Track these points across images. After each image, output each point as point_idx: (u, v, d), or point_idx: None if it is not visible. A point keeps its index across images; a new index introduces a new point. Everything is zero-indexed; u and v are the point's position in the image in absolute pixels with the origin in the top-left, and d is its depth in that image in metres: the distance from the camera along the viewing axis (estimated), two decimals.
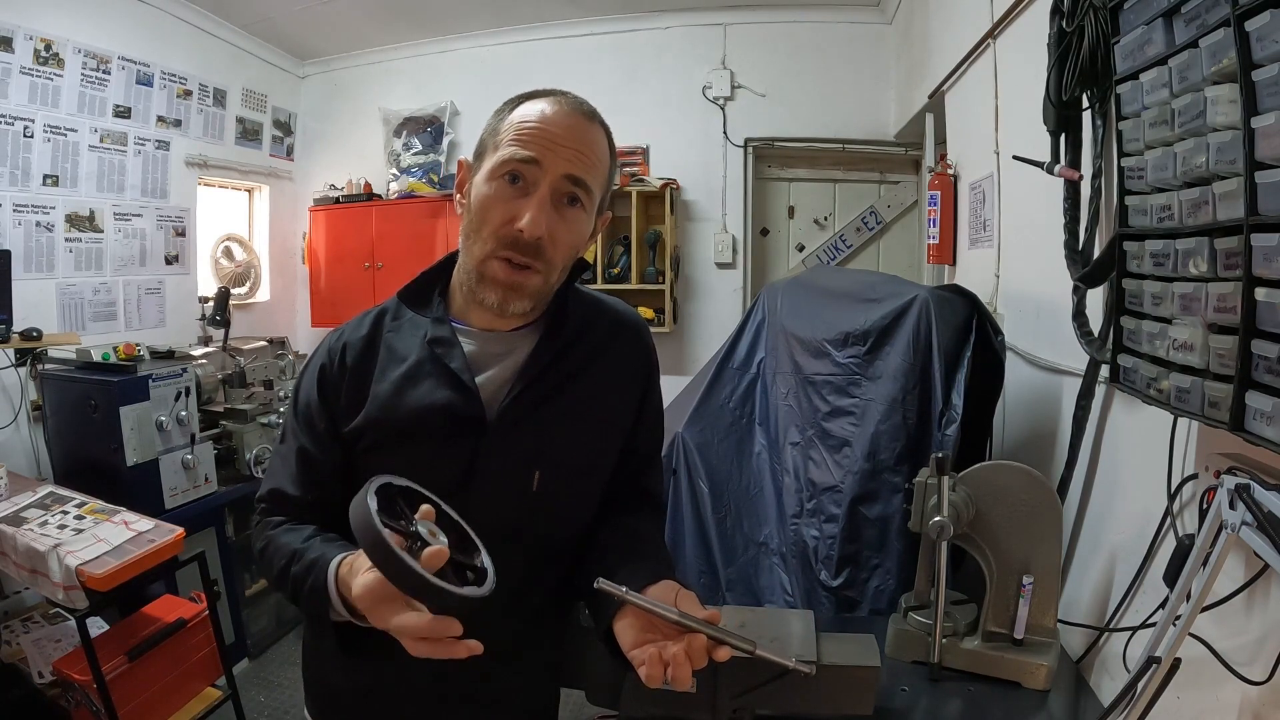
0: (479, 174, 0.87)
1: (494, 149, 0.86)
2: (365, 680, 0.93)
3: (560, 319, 0.93)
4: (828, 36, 3.62)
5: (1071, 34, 1.27)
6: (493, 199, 0.84)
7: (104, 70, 3.09)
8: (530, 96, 0.88)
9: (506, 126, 0.86)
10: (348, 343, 0.94)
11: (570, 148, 0.84)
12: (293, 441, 0.95)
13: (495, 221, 0.84)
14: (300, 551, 0.85)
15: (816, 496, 1.66)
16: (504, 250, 0.84)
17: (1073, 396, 1.45)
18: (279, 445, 0.99)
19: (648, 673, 0.72)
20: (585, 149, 0.86)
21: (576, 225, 0.88)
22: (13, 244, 2.77)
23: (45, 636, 2.28)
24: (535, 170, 0.83)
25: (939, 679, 1.25)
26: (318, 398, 0.93)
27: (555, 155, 0.83)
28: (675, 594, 0.79)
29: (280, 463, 0.96)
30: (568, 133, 0.85)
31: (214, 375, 3.00)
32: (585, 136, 0.86)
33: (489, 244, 0.85)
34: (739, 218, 3.79)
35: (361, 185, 4.11)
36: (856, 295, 1.79)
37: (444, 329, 0.91)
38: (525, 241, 0.83)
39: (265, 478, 0.98)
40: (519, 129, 0.84)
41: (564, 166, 0.84)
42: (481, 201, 0.85)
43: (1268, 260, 0.73)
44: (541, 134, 0.84)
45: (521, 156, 0.83)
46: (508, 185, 0.84)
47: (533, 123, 0.84)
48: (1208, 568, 0.80)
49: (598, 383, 0.94)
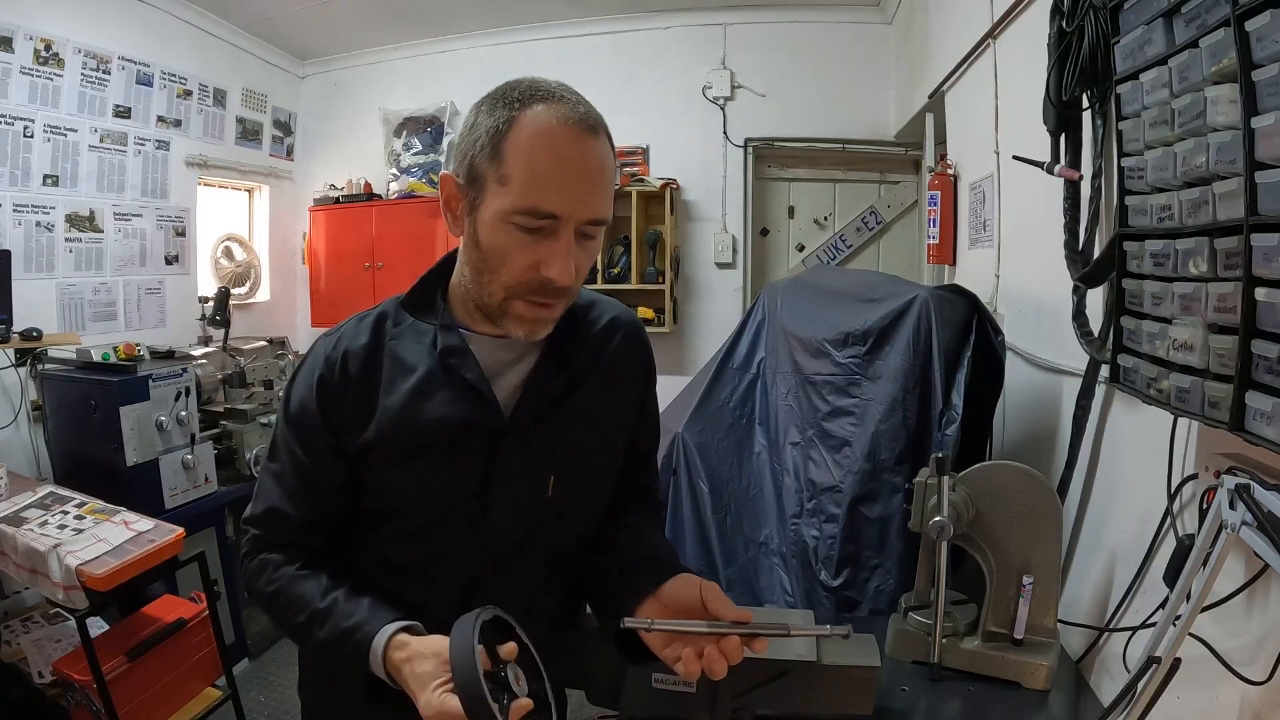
0: (485, 211, 0.78)
1: (498, 183, 0.76)
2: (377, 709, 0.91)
3: (565, 324, 0.92)
4: (828, 36, 3.62)
5: (1071, 34, 1.27)
6: (509, 244, 0.78)
7: (104, 70, 3.09)
8: (525, 103, 0.77)
9: (510, 157, 0.75)
10: (349, 351, 0.87)
11: (588, 192, 0.78)
12: (287, 457, 0.89)
13: (517, 268, 0.78)
14: (322, 613, 0.82)
15: (816, 496, 1.66)
16: (531, 295, 0.80)
17: (1073, 396, 1.45)
18: (268, 463, 0.92)
19: (685, 669, 0.73)
20: (601, 183, 0.79)
21: (594, 252, 0.84)
22: (13, 244, 2.77)
23: (45, 636, 2.28)
24: (555, 222, 0.77)
25: (939, 679, 1.25)
26: (317, 410, 0.86)
27: (576, 204, 0.77)
28: (699, 589, 0.78)
29: (273, 480, 0.90)
30: (583, 175, 0.77)
31: (214, 375, 3.00)
32: (600, 170, 0.79)
33: (512, 289, 0.80)
34: (739, 218, 3.79)
35: (361, 185, 4.11)
36: (856, 295, 1.79)
37: (454, 337, 0.87)
38: (555, 288, 0.79)
39: (256, 498, 0.91)
40: (529, 172, 0.75)
41: (585, 214, 0.78)
42: (497, 246, 0.78)
43: (1268, 260, 0.73)
44: (558, 184, 0.75)
45: (543, 213, 0.75)
46: (524, 233, 0.77)
47: (545, 167, 0.75)
48: (1208, 568, 0.80)
49: (603, 384, 0.94)
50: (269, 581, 0.87)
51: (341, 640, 0.79)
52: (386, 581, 0.88)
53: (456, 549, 0.88)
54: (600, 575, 0.93)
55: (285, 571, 0.87)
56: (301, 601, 0.83)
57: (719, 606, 0.76)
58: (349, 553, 0.92)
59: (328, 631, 0.81)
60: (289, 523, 0.88)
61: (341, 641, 0.79)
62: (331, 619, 0.81)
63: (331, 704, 0.97)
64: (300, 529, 0.89)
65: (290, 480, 0.88)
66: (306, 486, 0.88)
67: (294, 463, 0.88)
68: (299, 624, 0.83)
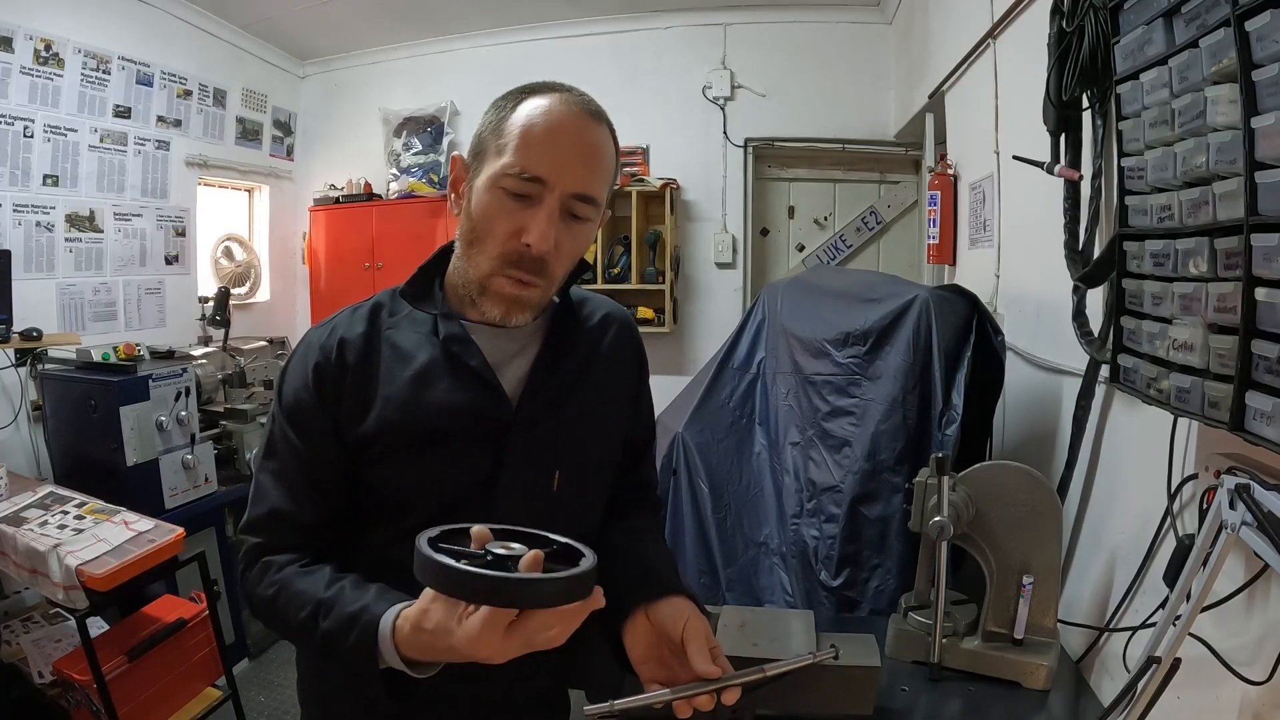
0: (480, 177, 0.81)
1: (495, 153, 0.79)
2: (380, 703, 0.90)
3: (564, 316, 0.93)
4: (828, 36, 3.62)
5: (1071, 34, 1.27)
6: (495, 210, 0.79)
7: (104, 70, 3.09)
8: (533, 92, 0.81)
9: (510, 128, 0.79)
10: (345, 339, 0.85)
11: (578, 162, 0.79)
12: (287, 451, 0.84)
13: (500, 234, 0.79)
14: (326, 602, 0.75)
15: (816, 496, 1.66)
16: (510, 269, 0.80)
17: (1073, 396, 1.45)
18: (265, 462, 0.86)
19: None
20: (593, 160, 0.81)
21: (581, 238, 0.84)
22: (13, 244, 2.77)
23: (45, 636, 2.28)
24: (541, 188, 0.78)
25: (939, 679, 1.25)
26: (316, 400, 0.83)
27: (562, 172, 0.78)
28: (683, 628, 0.78)
29: (272, 480, 0.85)
30: (575, 146, 0.79)
31: (214, 375, 3.00)
32: (593, 146, 0.81)
33: (494, 261, 0.80)
34: (739, 218, 3.79)
35: (361, 185, 4.11)
36: (856, 295, 1.79)
37: (455, 326, 0.86)
38: (531, 258, 0.79)
39: (254, 502, 0.86)
40: (524, 137, 0.78)
41: (571, 185, 0.78)
42: (484, 211, 0.80)
43: (1268, 260, 0.73)
44: (548, 147, 0.78)
45: (528, 175, 0.77)
46: (511, 198, 0.79)
47: (539, 132, 0.78)
48: (1208, 568, 0.80)
49: (600, 378, 0.94)
50: (269, 584, 0.81)
51: (347, 626, 0.73)
52: (387, 581, 0.87)
53: None
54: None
55: (287, 571, 0.81)
56: (304, 596, 0.77)
57: (694, 655, 0.75)
58: (347, 555, 0.89)
59: (332, 620, 0.74)
60: (293, 523, 0.83)
61: (347, 628, 0.72)
62: (336, 606, 0.75)
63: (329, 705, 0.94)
64: (305, 530, 0.84)
65: (292, 475, 0.84)
66: (310, 478, 0.84)
67: (294, 455, 0.84)
68: (302, 621, 0.76)
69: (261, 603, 0.82)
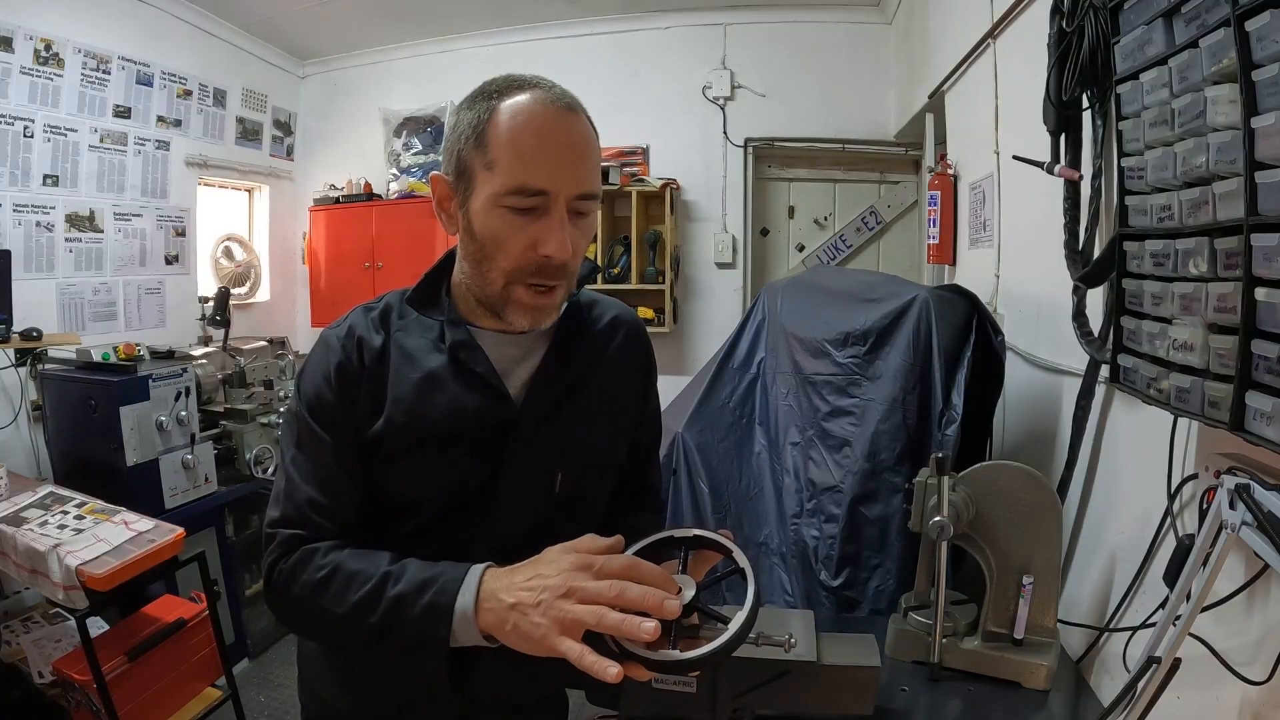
0: (477, 199, 0.79)
1: (485, 169, 0.77)
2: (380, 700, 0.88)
3: (569, 320, 0.92)
4: (828, 36, 3.62)
5: (1071, 34, 1.27)
6: (504, 229, 0.78)
7: (104, 70, 3.09)
8: (502, 93, 0.78)
9: (494, 142, 0.77)
10: (363, 339, 0.86)
11: (574, 164, 0.78)
12: (314, 445, 0.84)
13: (514, 250, 0.79)
14: (396, 571, 0.75)
15: (816, 496, 1.66)
16: (530, 277, 0.80)
17: (1073, 396, 1.45)
18: (294, 454, 0.85)
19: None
20: (586, 157, 0.80)
21: (589, 230, 0.84)
22: (13, 244, 2.77)
23: (45, 636, 2.28)
24: (546, 199, 0.77)
25: (939, 679, 1.25)
26: (338, 397, 0.84)
27: (563, 179, 0.77)
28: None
29: (301, 474, 0.83)
30: (568, 148, 0.78)
31: (214, 375, 3.00)
32: (583, 142, 0.80)
33: (511, 274, 0.80)
34: (739, 218, 3.79)
35: (361, 185, 4.11)
36: (856, 295, 1.79)
37: (462, 332, 0.87)
38: (553, 266, 0.79)
39: (285, 498, 0.83)
40: (514, 151, 0.76)
41: (574, 188, 0.78)
42: (492, 232, 0.79)
43: (1268, 260, 0.73)
44: (543, 158, 0.76)
45: (532, 189, 0.76)
46: (517, 214, 0.78)
47: (529, 143, 0.76)
48: (1208, 568, 0.80)
49: (607, 381, 0.94)
50: (318, 568, 0.78)
51: (424, 586, 0.72)
52: None
53: (464, 545, 0.87)
54: None
55: (340, 554, 0.79)
56: (365, 573, 0.75)
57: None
58: None
59: (406, 583, 0.73)
60: (331, 514, 0.82)
61: (424, 587, 0.72)
62: (409, 572, 0.74)
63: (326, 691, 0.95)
64: (343, 521, 0.82)
65: (324, 468, 0.83)
66: (344, 466, 0.83)
67: (324, 449, 0.83)
68: (362, 597, 0.74)
69: (307, 587, 0.78)
